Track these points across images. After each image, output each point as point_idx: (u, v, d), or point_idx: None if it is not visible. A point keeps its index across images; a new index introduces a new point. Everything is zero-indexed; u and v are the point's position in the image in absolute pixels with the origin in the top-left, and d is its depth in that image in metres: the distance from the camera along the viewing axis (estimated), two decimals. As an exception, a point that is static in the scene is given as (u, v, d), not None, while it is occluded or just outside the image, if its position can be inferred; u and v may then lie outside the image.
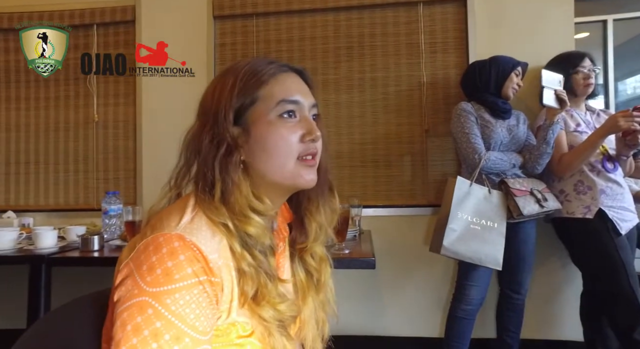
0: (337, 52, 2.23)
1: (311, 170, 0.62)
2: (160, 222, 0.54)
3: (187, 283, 0.49)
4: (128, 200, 2.25)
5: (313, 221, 0.68)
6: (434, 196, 2.12)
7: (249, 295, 0.54)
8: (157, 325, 0.46)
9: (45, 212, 2.36)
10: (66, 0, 2.37)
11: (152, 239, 0.51)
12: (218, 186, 0.56)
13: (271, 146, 0.59)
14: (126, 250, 0.55)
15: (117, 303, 0.50)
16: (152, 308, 0.47)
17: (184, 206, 0.56)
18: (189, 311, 0.48)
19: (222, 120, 0.59)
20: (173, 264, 0.49)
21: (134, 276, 0.49)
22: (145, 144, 2.30)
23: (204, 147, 0.59)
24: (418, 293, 2.13)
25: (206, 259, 0.51)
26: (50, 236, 1.60)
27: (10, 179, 2.40)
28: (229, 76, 0.62)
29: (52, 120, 2.40)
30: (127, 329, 0.46)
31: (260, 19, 2.29)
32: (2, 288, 2.32)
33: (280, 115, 0.60)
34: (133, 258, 0.51)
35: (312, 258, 0.69)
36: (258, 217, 0.57)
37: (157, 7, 2.33)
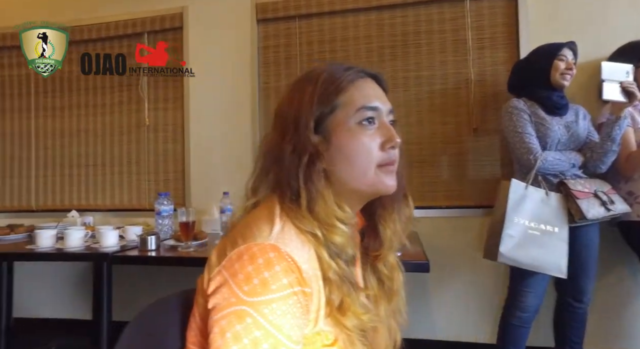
0: (380, 52, 2.20)
1: (392, 176, 0.62)
2: (249, 230, 0.55)
3: (283, 293, 0.50)
4: (177, 201, 2.34)
5: (388, 228, 0.67)
6: (482, 197, 2.05)
7: (335, 304, 0.55)
8: (256, 334, 0.47)
9: (102, 211, 2.51)
10: (118, 12, 2.50)
11: (246, 249, 0.52)
12: (304, 195, 0.56)
13: (352, 154, 0.59)
14: (214, 256, 0.56)
15: (213, 310, 0.51)
16: (251, 317, 0.48)
17: (270, 215, 0.57)
18: (284, 321, 0.49)
19: (303, 129, 0.59)
20: (270, 275, 0.50)
21: (229, 285, 0.51)
22: (193, 146, 2.39)
23: (287, 157, 0.59)
24: (465, 296, 2.07)
25: (300, 269, 0.52)
26: (112, 235, 1.69)
27: (73, 180, 2.57)
28: (306, 84, 0.62)
29: (108, 125, 2.55)
30: (227, 337, 0.48)
31: (303, 21, 2.30)
32: (69, 281, 2.49)
33: (359, 122, 0.60)
34: (226, 266, 0.52)
35: (385, 266, 0.68)
36: (344, 226, 0.57)
37: (203, 13, 2.41)
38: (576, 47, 1.63)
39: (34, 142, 2.64)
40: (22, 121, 2.66)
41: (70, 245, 1.70)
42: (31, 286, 2.49)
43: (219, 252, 0.56)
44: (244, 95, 2.33)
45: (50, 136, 2.63)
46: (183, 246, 1.64)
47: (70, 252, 1.67)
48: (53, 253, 1.67)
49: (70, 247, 1.70)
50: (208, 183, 2.36)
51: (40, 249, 1.70)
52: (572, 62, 1.59)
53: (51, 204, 2.61)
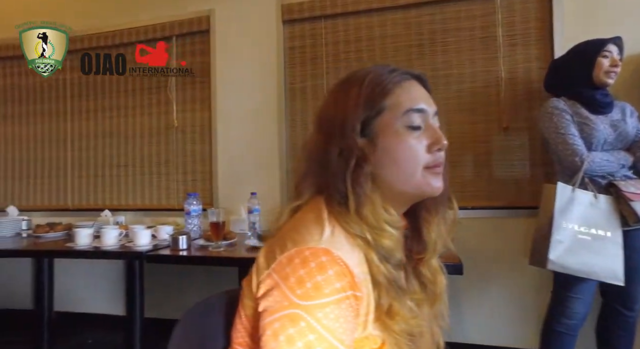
0: (407, 51, 2.17)
1: (438, 177, 0.61)
2: (299, 234, 0.55)
3: (336, 297, 0.50)
4: (205, 201, 2.38)
5: (432, 232, 0.66)
6: (514, 197, 2.00)
7: (383, 309, 0.55)
8: (310, 338, 0.47)
9: (133, 211, 2.58)
10: (149, 17, 2.56)
11: (297, 252, 0.52)
12: (352, 199, 0.56)
13: (400, 157, 0.59)
14: (262, 259, 0.57)
15: (265, 313, 0.52)
16: (305, 320, 0.48)
17: (319, 218, 0.57)
18: (337, 325, 0.49)
19: (349, 132, 0.59)
20: (323, 279, 0.50)
21: (281, 288, 0.51)
22: (220, 147, 2.42)
23: (333, 160, 0.59)
24: (500, 300, 2.01)
25: (352, 273, 0.52)
26: (145, 234, 1.74)
27: (106, 181, 2.66)
28: (351, 87, 0.62)
29: (138, 127, 2.62)
30: (280, 340, 0.48)
31: (329, 21, 2.30)
32: (104, 277, 2.58)
33: (406, 125, 0.59)
34: (276, 270, 0.53)
35: (428, 269, 0.68)
36: (393, 229, 0.57)
37: (229, 15, 2.44)
38: (622, 42, 1.54)
39: (70, 144, 2.74)
40: (59, 123, 2.77)
41: (106, 244, 1.76)
42: (68, 282, 2.59)
43: (267, 255, 0.57)
44: (270, 96, 2.35)
45: (84, 137, 2.72)
46: (213, 246, 1.67)
47: (107, 250, 1.72)
48: (91, 251, 1.73)
49: (106, 245, 1.76)
50: (235, 183, 2.39)
51: (78, 247, 1.77)
52: (617, 58, 1.51)
53: (85, 203, 2.70)
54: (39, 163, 2.81)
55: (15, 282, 2.73)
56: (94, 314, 2.57)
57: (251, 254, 1.63)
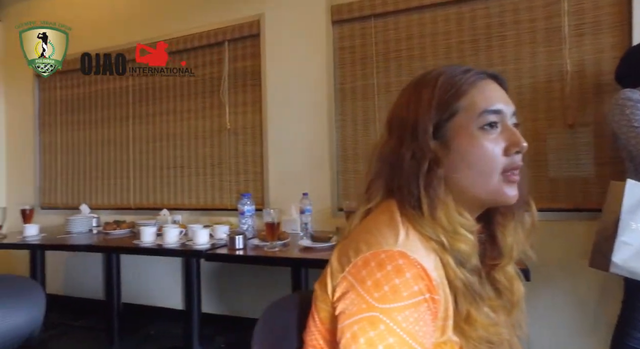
0: (460, 47, 2.10)
1: (514, 186, 0.59)
2: (373, 237, 0.55)
3: (414, 300, 0.49)
4: (256, 201, 2.44)
5: (508, 237, 0.64)
6: (579, 199, 1.87)
7: (462, 315, 0.54)
8: (390, 341, 0.47)
9: (189, 210, 2.70)
10: (202, 23, 2.67)
11: (372, 255, 0.52)
12: (425, 202, 0.56)
13: (475, 160, 0.57)
14: (335, 262, 0.57)
15: (342, 315, 0.52)
16: (384, 324, 0.48)
17: (392, 221, 0.57)
18: (417, 328, 0.49)
19: (422, 135, 0.58)
20: (400, 282, 0.49)
21: (357, 291, 0.51)
22: (271, 148, 2.48)
23: (405, 163, 0.58)
24: (562, 306, 1.90)
25: (429, 276, 0.51)
26: (204, 234, 1.82)
27: (164, 181, 2.81)
28: (422, 88, 0.61)
29: (193, 129, 2.74)
30: (360, 342, 0.48)
31: (379, 20, 2.27)
32: (163, 272, 2.73)
33: (482, 126, 0.57)
34: (352, 273, 0.53)
35: (504, 276, 0.65)
36: (468, 233, 0.56)
37: (279, 19, 2.48)
38: None
39: (132, 147, 2.93)
40: (122, 128, 2.96)
41: (168, 242, 1.86)
42: (133, 275, 2.77)
43: (341, 257, 0.57)
44: (320, 96, 2.36)
45: (144, 140, 2.89)
46: (269, 246, 1.70)
47: (169, 248, 1.82)
48: (155, 248, 1.84)
49: (168, 243, 1.86)
50: (286, 184, 2.43)
51: (144, 245, 1.89)
52: None
53: (146, 202, 2.87)
54: (105, 165, 3.03)
55: (88, 274, 2.96)
56: (155, 307, 2.73)
57: (305, 255, 1.65)
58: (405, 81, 2.17)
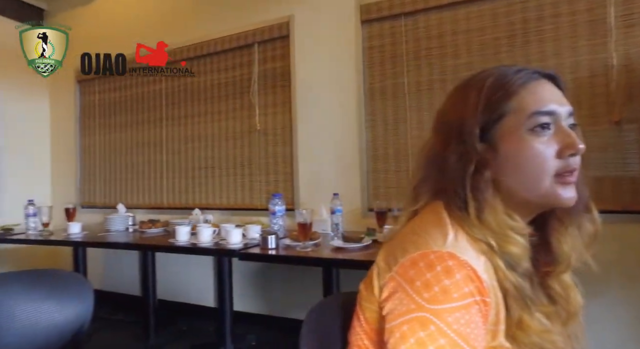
0: (496, 43, 2.04)
1: (570, 188, 0.56)
2: (421, 238, 0.54)
3: (465, 302, 0.48)
4: (286, 201, 2.45)
5: (564, 244, 0.61)
6: (629, 199, 1.77)
7: (514, 320, 0.52)
8: (441, 342, 0.46)
9: (220, 210, 2.76)
10: (233, 26, 2.71)
11: (421, 256, 0.52)
12: (471, 204, 0.55)
13: (524, 163, 0.56)
14: (383, 262, 0.57)
15: (390, 315, 0.52)
16: (434, 325, 0.47)
17: (440, 221, 0.56)
18: (469, 331, 0.48)
19: (468, 137, 0.57)
20: (451, 283, 0.49)
21: (406, 291, 0.51)
22: (301, 148, 2.49)
23: (451, 166, 0.58)
24: (619, 313, 1.79)
25: (480, 278, 0.50)
26: (237, 233, 1.85)
27: (195, 181, 2.88)
28: (470, 90, 0.60)
29: (224, 130, 2.79)
30: (411, 342, 0.48)
31: (409, 18, 2.24)
32: (195, 270, 2.80)
33: (532, 128, 0.56)
34: (399, 273, 0.53)
35: (559, 284, 0.63)
36: (519, 236, 0.54)
37: (308, 19, 2.49)
38: None
39: (165, 148, 3.02)
40: (155, 129, 3.06)
41: (202, 241, 1.90)
42: (167, 273, 2.85)
43: (387, 258, 0.57)
44: (349, 96, 2.35)
45: (176, 141, 2.97)
46: (301, 246, 1.71)
47: (203, 247, 1.86)
48: (190, 247, 1.88)
49: (202, 242, 1.90)
50: (316, 184, 2.44)
51: (179, 243, 1.94)
52: None
53: (178, 202, 2.95)
54: (139, 166, 3.13)
55: (124, 270, 3.08)
56: (188, 304, 2.81)
57: (337, 255, 1.65)
58: (436, 80, 2.15)
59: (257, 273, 2.57)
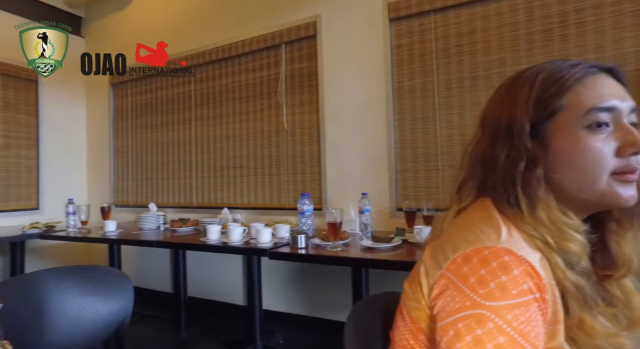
0: (530, 38, 1.97)
1: (630, 186, 0.54)
2: (472, 234, 0.53)
3: (524, 299, 0.47)
4: (314, 201, 2.47)
5: (625, 247, 0.59)
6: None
7: (575, 319, 0.51)
8: (500, 340, 0.45)
9: (248, 209, 2.79)
10: (261, 27, 2.75)
11: (474, 252, 0.50)
12: (523, 201, 0.54)
13: (578, 161, 0.54)
14: (430, 260, 0.56)
15: (442, 313, 0.51)
16: (492, 322, 0.46)
17: (491, 218, 0.55)
18: (529, 329, 0.46)
19: (518, 134, 0.56)
20: (508, 279, 0.47)
21: (459, 288, 0.49)
22: (328, 148, 2.49)
23: (500, 163, 0.57)
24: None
25: (539, 275, 0.48)
26: (267, 232, 1.87)
27: (224, 181, 2.93)
28: (520, 85, 0.58)
29: (251, 130, 2.83)
30: (467, 340, 0.46)
31: (438, 15, 2.20)
32: (225, 269, 2.85)
33: (589, 125, 0.53)
34: (451, 269, 0.51)
35: (619, 289, 0.60)
36: (577, 234, 0.52)
37: (335, 19, 2.49)
38: None
39: (194, 148, 3.09)
40: (185, 130, 3.13)
41: (232, 240, 1.93)
42: (197, 271, 2.92)
43: (435, 255, 0.56)
44: (377, 95, 2.34)
45: (205, 142, 3.03)
46: (331, 245, 1.71)
47: (234, 246, 1.89)
48: (222, 246, 1.92)
49: (233, 241, 1.92)
50: (343, 183, 2.44)
51: (210, 242, 1.97)
52: None
53: (207, 201, 3.01)
54: (170, 165, 3.22)
55: (156, 267, 3.17)
56: (217, 302, 2.86)
57: (367, 255, 1.64)
58: (468, 77, 2.11)
59: (284, 272, 2.59)
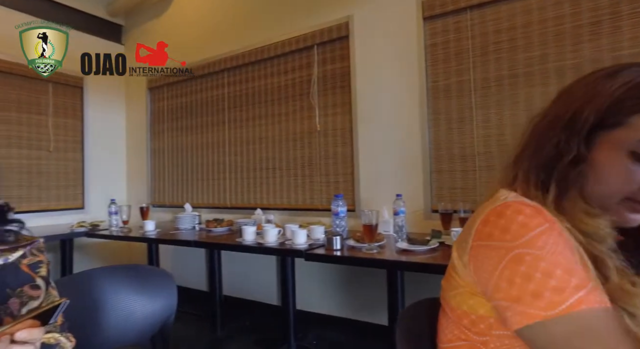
0: (576, 32, 1.88)
1: (637, 214, 0.55)
2: (484, 205, 0.58)
3: (544, 227, 0.49)
4: (347, 202, 2.46)
5: None
6: None
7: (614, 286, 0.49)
8: (542, 266, 0.47)
9: (280, 210, 2.82)
10: (293, 29, 2.77)
11: (487, 215, 0.54)
12: (552, 191, 0.55)
13: (610, 179, 0.54)
14: (460, 240, 0.59)
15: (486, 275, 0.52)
16: (529, 254, 0.48)
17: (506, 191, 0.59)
18: (561, 247, 0.48)
19: (578, 129, 0.55)
20: (525, 216, 0.50)
21: (489, 246, 0.52)
22: (361, 149, 2.48)
23: (547, 147, 0.57)
24: None
25: (551, 218, 0.51)
26: (303, 234, 1.88)
27: (257, 182, 2.98)
28: (604, 83, 0.55)
29: (284, 132, 2.85)
30: (518, 283, 0.48)
31: (475, 12, 2.14)
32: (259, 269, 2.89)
33: (635, 152, 0.52)
34: (475, 238, 0.55)
35: None
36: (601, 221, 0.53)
37: (368, 19, 2.47)
38: None
39: (228, 149, 3.15)
40: (219, 132, 3.21)
41: (268, 240, 1.95)
42: (231, 270, 2.98)
43: (463, 235, 0.59)
44: (411, 95, 2.30)
45: (239, 143, 3.09)
46: (367, 247, 1.70)
47: (271, 247, 1.91)
48: (258, 247, 1.95)
49: (268, 242, 1.95)
50: (377, 184, 2.42)
51: (246, 242, 2.01)
52: None
53: (240, 202, 3.07)
54: (204, 166, 3.30)
55: (192, 266, 3.26)
56: (250, 301, 2.91)
57: (403, 257, 1.62)
58: (507, 75, 2.04)
59: (317, 272, 2.59)
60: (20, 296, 0.63)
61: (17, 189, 3.07)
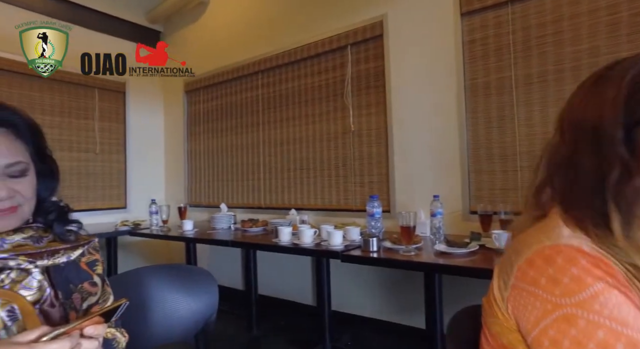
0: (634, 21, 1.76)
1: None
2: (532, 237, 0.52)
3: (603, 283, 0.43)
4: (382, 203, 2.42)
5: None
6: None
7: None
8: (599, 335, 0.41)
9: (314, 211, 2.83)
10: (326, 30, 2.77)
11: (535, 254, 0.48)
12: (615, 217, 0.47)
13: None
14: (500, 270, 0.55)
15: (526, 325, 0.48)
16: (583, 318, 0.43)
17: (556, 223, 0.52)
18: (625, 313, 0.42)
19: (609, 140, 0.49)
20: (579, 270, 0.44)
21: (533, 293, 0.47)
22: (397, 149, 2.44)
23: (585, 173, 0.51)
24: None
25: (609, 266, 0.45)
26: (339, 235, 1.87)
27: (291, 182, 3.00)
28: (606, 84, 0.52)
29: (318, 132, 2.86)
30: (565, 346, 0.43)
31: (517, 5, 2.05)
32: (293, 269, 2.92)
33: None
34: (518, 277, 0.50)
35: None
36: None
37: (403, 17, 2.43)
38: None
39: (262, 150, 3.20)
40: (253, 133, 3.26)
41: (303, 241, 1.96)
42: (266, 270, 3.02)
43: (503, 266, 0.54)
44: (448, 94, 2.24)
45: (273, 144, 3.13)
46: (404, 249, 1.67)
47: (307, 248, 1.92)
48: (294, 247, 1.96)
49: (304, 243, 1.96)
50: (412, 185, 2.37)
51: (282, 243, 2.03)
52: None
53: (275, 202, 3.10)
54: (239, 167, 3.37)
55: (228, 264, 3.34)
56: (285, 301, 2.93)
57: (441, 260, 1.58)
58: (551, 71, 1.94)
59: (352, 274, 2.58)
60: (81, 292, 0.67)
61: (67, 189, 3.26)
